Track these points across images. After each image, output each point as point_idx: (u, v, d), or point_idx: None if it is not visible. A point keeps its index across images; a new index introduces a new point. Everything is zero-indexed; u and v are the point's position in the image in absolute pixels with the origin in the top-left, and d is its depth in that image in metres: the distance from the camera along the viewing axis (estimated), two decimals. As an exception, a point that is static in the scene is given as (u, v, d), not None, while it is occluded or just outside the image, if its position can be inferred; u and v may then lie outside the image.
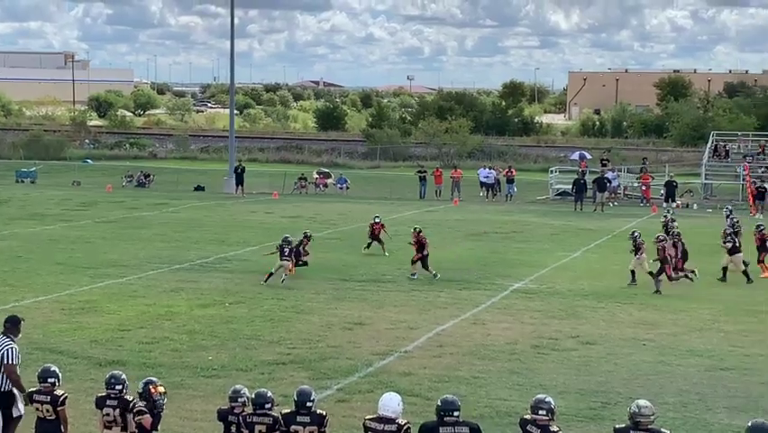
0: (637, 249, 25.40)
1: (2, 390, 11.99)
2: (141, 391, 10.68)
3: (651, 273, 24.86)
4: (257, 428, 10.23)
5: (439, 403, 9.76)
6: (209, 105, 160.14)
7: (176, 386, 15.60)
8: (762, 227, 27.79)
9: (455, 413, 9.65)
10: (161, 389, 10.71)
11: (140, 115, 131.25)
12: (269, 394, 10.46)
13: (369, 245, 30.02)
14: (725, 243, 26.27)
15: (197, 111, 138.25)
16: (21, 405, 11.99)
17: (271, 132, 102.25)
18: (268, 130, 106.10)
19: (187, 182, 53.97)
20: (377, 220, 29.91)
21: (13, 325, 12.36)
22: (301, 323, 20.51)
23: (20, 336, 12.45)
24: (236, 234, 34.50)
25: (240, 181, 50.50)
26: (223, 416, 10.62)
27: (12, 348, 12.05)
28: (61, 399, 11.05)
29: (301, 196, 50.88)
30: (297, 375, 16.27)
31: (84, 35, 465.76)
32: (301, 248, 26.43)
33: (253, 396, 10.43)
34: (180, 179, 54.55)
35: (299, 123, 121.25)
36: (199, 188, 52.45)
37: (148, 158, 74.63)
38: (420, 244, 26.07)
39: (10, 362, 11.96)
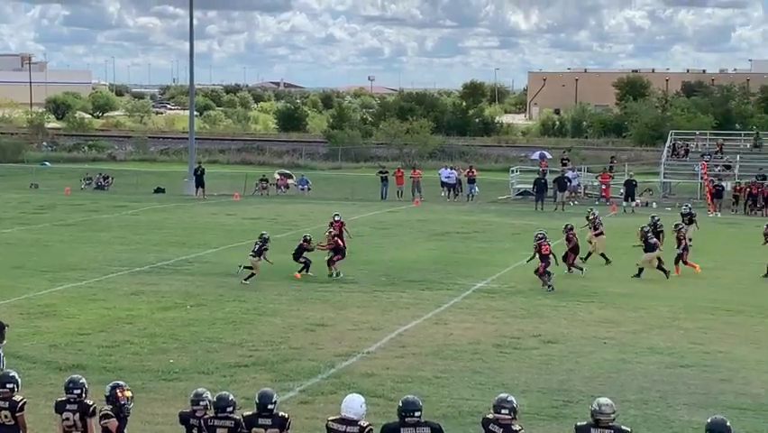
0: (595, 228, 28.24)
1: None
2: (108, 394, 10.62)
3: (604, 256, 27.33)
4: (218, 431, 10.18)
5: (400, 404, 9.76)
6: (169, 106, 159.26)
7: (137, 390, 15.41)
8: (680, 226, 28.23)
9: (416, 413, 9.64)
10: (128, 393, 10.67)
11: (98, 117, 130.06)
12: (231, 397, 10.40)
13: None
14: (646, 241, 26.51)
15: (157, 113, 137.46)
16: None
17: (232, 133, 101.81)
18: (228, 131, 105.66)
19: (147, 184, 53.59)
20: (336, 218, 29.66)
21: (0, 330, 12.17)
22: (263, 325, 20.43)
23: (5, 342, 12.26)
24: (197, 236, 34.32)
25: (200, 183, 50.27)
26: (184, 419, 10.56)
27: None
28: (20, 404, 10.90)
29: (262, 197, 50.70)
30: (259, 377, 16.21)
31: (41, 36, 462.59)
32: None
33: (215, 399, 10.38)
34: (140, 182, 54.16)
35: (260, 124, 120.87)
36: (159, 191, 52.09)
37: (107, 160, 74.03)
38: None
39: None
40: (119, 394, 10.57)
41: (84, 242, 32.55)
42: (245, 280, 24.93)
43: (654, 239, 26.87)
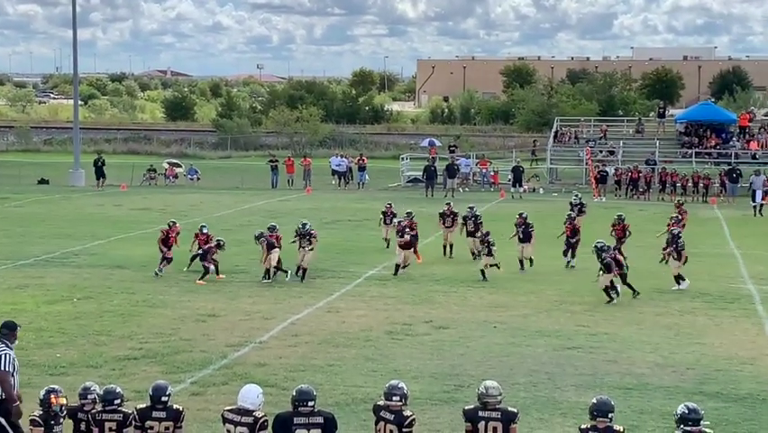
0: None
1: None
2: (41, 398, 10.19)
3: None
4: (107, 424, 10.05)
5: (294, 393, 9.75)
6: (52, 95, 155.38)
7: (23, 385, 15.09)
8: (621, 217, 28.04)
9: (310, 403, 9.64)
10: (63, 400, 10.16)
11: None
12: (119, 390, 10.28)
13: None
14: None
15: (40, 102, 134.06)
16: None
17: (118, 123, 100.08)
18: (114, 121, 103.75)
19: (31, 176, 52.32)
20: (204, 231, 25.81)
21: (9, 330, 11.74)
22: (153, 317, 20.19)
23: (16, 342, 11.85)
24: (83, 228, 33.68)
25: (101, 174, 49.22)
26: (72, 414, 10.38)
27: (6, 354, 11.45)
28: None
29: (151, 187, 50.02)
30: (149, 370, 16.01)
31: None
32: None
33: (102, 392, 10.24)
34: (23, 173, 52.79)
35: (147, 113, 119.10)
36: (43, 182, 50.95)
37: (-13, 151, 72.07)
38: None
39: (4, 369, 11.35)
40: (53, 400, 10.06)
41: (-35, 235, 31.64)
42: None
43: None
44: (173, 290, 22.96)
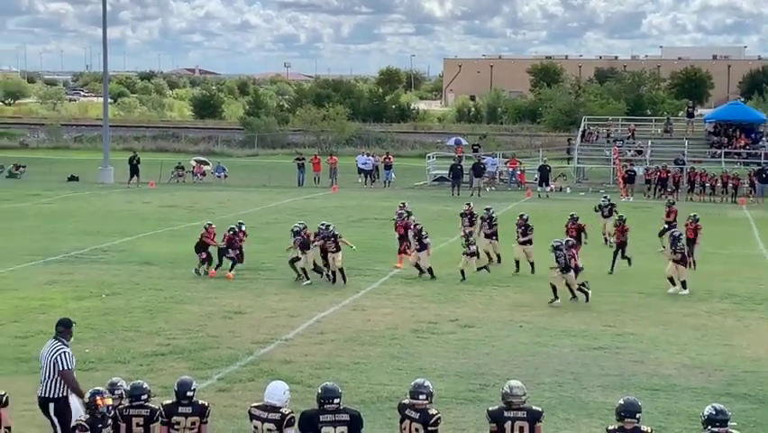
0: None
1: (56, 396, 11.55)
2: (86, 401, 9.93)
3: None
4: (134, 420, 10.13)
5: (319, 391, 9.77)
6: (82, 93, 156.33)
7: (52, 381, 15.29)
8: (695, 217, 27.25)
9: (336, 400, 9.66)
10: (109, 401, 9.89)
11: (9, 105, 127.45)
12: (145, 385, 10.35)
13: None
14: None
15: (70, 100, 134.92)
16: (80, 409, 11.15)
17: (147, 120, 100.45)
18: (143, 119, 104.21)
19: (61, 172, 52.67)
20: (242, 228, 25.78)
21: (65, 328, 11.86)
22: (180, 313, 20.31)
23: (72, 339, 11.99)
24: (112, 224, 33.89)
25: (135, 172, 49.32)
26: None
27: (65, 352, 11.60)
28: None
29: (179, 185, 50.26)
30: (176, 366, 16.12)
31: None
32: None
33: (129, 388, 10.31)
34: (53, 170, 53.23)
35: (175, 111, 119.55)
36: (73, 179, 51.26)
37: (19, 148, 72.53)
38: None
39: (65, 367, 11.53)
40: (99, 402, 9.76)
41: (-5, 231, 31.92)
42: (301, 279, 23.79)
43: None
44: (200, 287, 23.09)
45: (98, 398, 9.82)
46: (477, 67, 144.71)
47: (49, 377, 11.58)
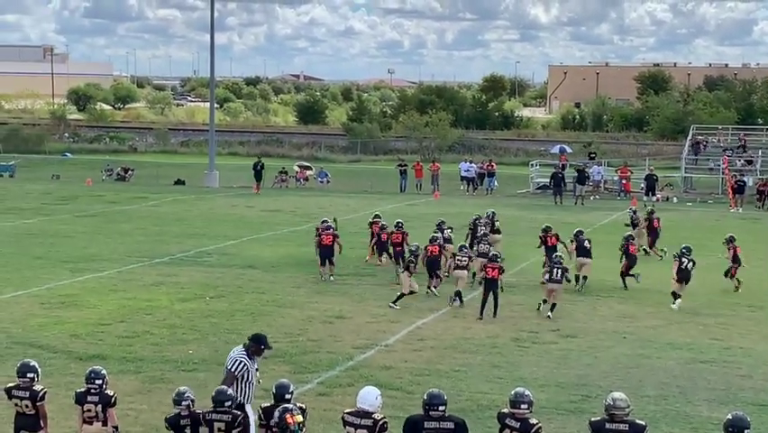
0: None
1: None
2: (276, 420, 9.54)
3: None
4: (216, 425, 10.25)
5: (425, 397, 9.73)
6: (189, 98, 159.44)
7: (156, 380, 15.58)
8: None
9: (441, 407, 9.60)
10: (299, 417, 9.45)
11: (119, 109, 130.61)
12: (230, 392, 10.50)
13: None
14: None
15: (177, 105, 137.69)
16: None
17: (251, 125, 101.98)
18: (248, 124, 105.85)
19: (168, 176, 53.79)
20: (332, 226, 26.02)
21: (255, 344, 11.78)
22: (282, 317, 20.48)
23: (259, 359, 11.83)
24: (216, 227, 34.40)
25: (259, 177, 49.88)
26: (173, 424, 10.58)
27: (241, 359, 11.57)
28: (41, 394, 10.97)
29: (282, 189, 50.79)
30: (277, 369, 16.22)
31: (62, 28, 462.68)
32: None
33: (213, 393, 10.42)
34: (160, 173, 54.36)
35: (280, 116, 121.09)
36: (179, 182, 52.28)
37: (128, 152, 74.39)
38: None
39: (233, 369, 11.51)
40: (288, 420, 9.37)
41: (105, 233, 32.68)
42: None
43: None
44: (301, 291, 23.26)
45: (288, 415, 9.46)
46: (582, 74, 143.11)
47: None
